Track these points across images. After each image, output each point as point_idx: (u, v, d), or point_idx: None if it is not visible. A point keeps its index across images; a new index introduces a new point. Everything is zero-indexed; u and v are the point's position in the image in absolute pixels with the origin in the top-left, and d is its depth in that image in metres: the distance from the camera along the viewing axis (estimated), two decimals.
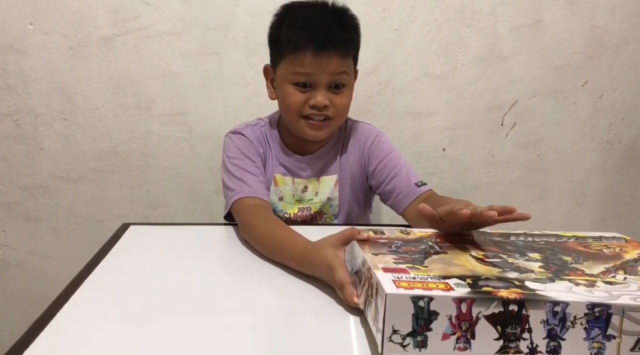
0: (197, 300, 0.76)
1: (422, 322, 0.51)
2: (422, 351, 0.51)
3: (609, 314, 0.52)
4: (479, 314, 0.51)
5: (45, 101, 1.41)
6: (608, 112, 1.58)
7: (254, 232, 0.93)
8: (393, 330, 0.51)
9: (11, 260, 1.52)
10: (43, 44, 1.37)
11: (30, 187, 1.46)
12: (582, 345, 0.52)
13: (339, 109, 1.04)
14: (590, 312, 0.52)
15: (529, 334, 0.52)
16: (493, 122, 1.55)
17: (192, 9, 1.38)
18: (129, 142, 1.45)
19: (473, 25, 1.47)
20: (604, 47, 1.53)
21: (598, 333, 0.52)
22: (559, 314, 0.52)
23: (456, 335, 0.51)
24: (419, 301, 0.51)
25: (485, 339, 0.51)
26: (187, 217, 1.51)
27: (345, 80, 1.03)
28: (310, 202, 1.11)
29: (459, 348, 0.51)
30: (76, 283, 0.79)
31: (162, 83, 1.42)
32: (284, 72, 1.03)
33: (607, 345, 0.52)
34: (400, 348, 0.51)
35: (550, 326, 0.52)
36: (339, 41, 1.00)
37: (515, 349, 0.52)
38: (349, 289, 0.68)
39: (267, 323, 0.72)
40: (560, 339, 0.52)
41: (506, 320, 0.51)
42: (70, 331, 0.67)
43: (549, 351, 0.52)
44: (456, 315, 0.51)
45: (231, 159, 1.07)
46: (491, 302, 0.51)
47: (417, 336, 0.51)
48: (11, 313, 1.53)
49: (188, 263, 0.90)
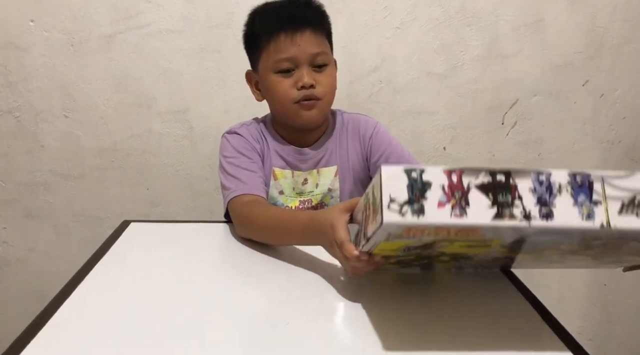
0: (197, 297, 0.76)
1: (417, 192, 0.55)
2: (420, 218, 0.54)
3: (590, 182, 0.57)
4: (469, 183, 0.55)
5: (46, 98, 1.41)
6: (609, 111, 1.58)
7: (253, 220, 0.94)
8: (390, 199, 0.55)
9: (11, 257, 1.52)
10: (44, 41, 1.37)
11: (31, 185, 1.46)
12: (572, 210, 0.56)
13: (325, 87, 1.04)
14: (573, 180, 0.57)
15: (520, 201, 0.55)
16: (494, 121, 1.55)
17: (193, 7, 1.38)
18: (130, 140, 1.45)
19: (474, 24, 1.46)
20: (605, 47, 1.52)
21: (585, 199, 0.56)
22: (544, 182, 0.56)
23: (451, 203, 0.55)
24: (412, 173, 0.55)
25: (480, 207, 0.55)
26: (187, 214, 1.51)
27: (325, 60, 1.05)
28: (311, 194, 1.12)
29: (456, 215, 0.55)
30: (76, 280, 0.80)
31: (163, 81, 1.42)
32: (265, 65, 1.04)
33: (596, 209, 0.56)
34: (399, 215, 0.54)
35: (538, 194, 0.56)
36: (310, 18, 1.03)
37: (510, 215, 0.55)
38: (349, 245, 0.70)
39: (268, 320, 0.72)
40: (550, 205, 0.56)
41: (496, 188, 0.55)
42: (70, 328, 0.67)
43: (542, 216, 0.55)
44: (448, 185, 0.55)
45: (227, 158, 1.08)
46: (479, 172, 0.56)
47: (414, 204, 0.54)
48: (11, 310, 1.53)
49: (188, 261, 0.90)
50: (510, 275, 0.86)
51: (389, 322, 0.71)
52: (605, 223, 0.56)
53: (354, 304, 0.75)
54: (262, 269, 0.87)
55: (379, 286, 0.82)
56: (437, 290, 0.84)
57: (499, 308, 0.78)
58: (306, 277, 0.83)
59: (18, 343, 0.63)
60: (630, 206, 0.56)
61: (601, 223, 0.56)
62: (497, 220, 0.55)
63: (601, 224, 0.56)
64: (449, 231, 0.57)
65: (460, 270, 0.86)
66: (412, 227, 0.56)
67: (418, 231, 0.57)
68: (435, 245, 0.65)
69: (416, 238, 0.60)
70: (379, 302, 0.77)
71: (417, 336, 0.68)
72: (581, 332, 1.70)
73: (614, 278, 1.67)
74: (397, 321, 0.72)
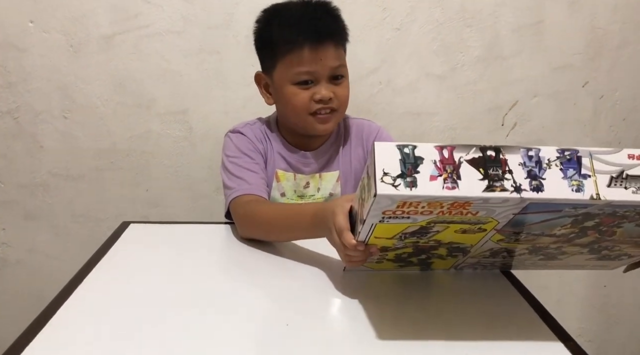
0: (196, 298, 0.76)
1: (410, 166, 0.56)
2: (413, 190, 0.56)
3: (578, 157, 0.59)
4: (460, 158, 0.57)
5: (45, 99, 1.41)
6: (609, 112, 1.58)
7: (257, 217, 0.95)
8: (384, 173, 0.56)
9: (10, 258, 1.51)
10: (43, 42, 1.37)
11: (30, 185, 1.46)
12: (562, 183, 0.58)
13: (341, 100, 1.05)
14: (561, 155, 0.59)
15: (510, 174, 0.57)
16: (493, 122, 1.55)
17: (193, 8, 1.38)
18: (129, 141, 1.45)
19: (474, 25, 1.46)
20: (604, 48, 1.52)
21: (574, 173, 0.58)
22: (533, 157, 0.58)
23: (443, 177, 0.56)
24: (404, 148, 0.57)
25: (471, 179, 0.56)
26: (186, 216, 1.50)
27: (343, 72, 1.05)
28: (312, 198, 1.12)
29: (448, 187, 0.56)
30: (75, 281, 0.80)
31: (162, 82, 1.42)
32: (283, 74, 1.03)
33: (585, 182, 0.58)
34: (392, 188, 0.56)
35: (528, 168, 0.57)
36: (333, 32, 1.02)
37: (501, 187, 0.56)
38: (347, 233, 0.71)
39: (267, 321, 0.72)
40: (540, 178, 0.57)
41: (487, 163, 0.57)
42: (70, 329, 0.67)
43: (533, 189, 0.57)
44: (440, 160, 0.57)
45: (230, 158, 1.07)
46: (470, 148, 0.57)
47: (407, 177, 0.56)
48: (10, 311, 1.53)
49: (188, 262, 0.90)
50: (510, 277, 0.86)
51: (389, 322, 0.71)
52: (595, 195, 0.57)
53: (353, 304, 0.75)
54: (261, 270, 0.87)
55: (379, 287, 0.82)
56: (436, 290, 0.84)
57: (498, 309, 0.78)
58: (306, 278, 0.83)
59: (18, 344, 0.63)
60: (619, 179, 0.58)
61: (591, 195, 0.57)
62: (488, 192, 0.56)
63: (591, 196, 0.57)
64: (442, 207, 0.58)
65: (459, 271, 0.86)
66: (405, 200, 0.57)
67: (412, 207, 0.58)
68: (430, 231, 0.66)
69: (411, 218, 0.61)
70: (379, 302, 0.77)
71: (417, 336, 0.68)
72: (581, 333, 1.70)
73: (613, 280, 1.67)
74: (398, 322, 0.72)
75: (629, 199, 0.58)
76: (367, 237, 0.68)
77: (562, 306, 1.67)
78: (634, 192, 0.58)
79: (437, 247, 0.73)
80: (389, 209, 0.59)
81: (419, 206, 0.58)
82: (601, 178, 0.58)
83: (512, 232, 0.67)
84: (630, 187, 0.58)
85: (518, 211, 0.60)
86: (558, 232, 0.66)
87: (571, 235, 0.67)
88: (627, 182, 0.58)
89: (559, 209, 0.60)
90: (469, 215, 0.61)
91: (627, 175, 0.58)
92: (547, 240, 0.69)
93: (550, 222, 0.63)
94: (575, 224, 0.64)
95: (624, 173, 0.58)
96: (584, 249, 0.73)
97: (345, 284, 0.81)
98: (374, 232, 0.66)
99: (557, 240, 0.69)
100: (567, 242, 0.70)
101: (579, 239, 0.68)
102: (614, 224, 0.64)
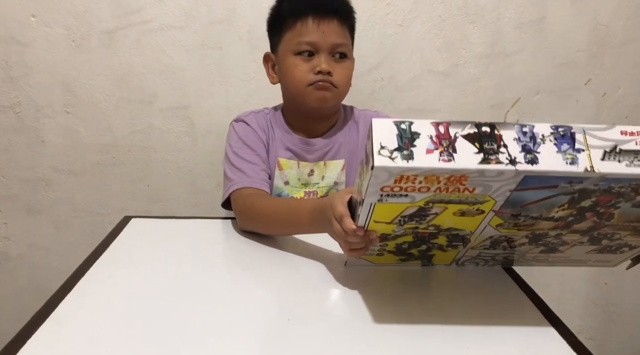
0: (198, 293, 0.76)
1: (407, 141, 0.58)
2: (410, 162, 0.57)
3: (572, 133, 0.59)
4: (456, 134, 0.58)
5: (47, 94, 1.41)
6: (611, 110, 1.57)
7: (256, 210, 0.95)
8: (381, 146, 0.57)
9: (12, 252, 1.52)
10: (45, 37, 1.37)
11: (32, 180, 1.46)
12: (557, 156, 0.59)
13: (342, 78, 1.05)
14: (555, 131, 0.59)
15: (505, 148, 0.58)
16: (496, 119, 1.54)
17: (195, 3, 1.38)
18: (131, 136, 1.45)
19: (476, 21, 1.46)
20: (607, 45, 1.52)
21: (568, 147, 0.59)
22: (528, 133, 0.59)
23: (439, 150, 0.57)
24: (401, 125, 0.58)
25: (467, 153, 0.58)
26: (188, 211, 1.51)
27: (346, 51, 1.06)
28: (316, 186, 1.12)
29: (444, 160, 0.57)
30: (77, 276, 0.80)
31: (164, 77, 1.42)
32: (286, 46, 1.05)
33: (579, 156, 0.59)
34: (389, 160, 0.57)
35: (523, 142, 0.59)
36: (339, 8, 1.05)
37: (496, 160, 0.58)
38: (347, 219, 0.72)
39: (269, 316, 0.72)
40: (535, 152, 0.58)
41: (482, 138, 0.58)
42: (71, 324, 0.67)
43: (527, 161, 0.58)
44: (436, 135, 0.58)
45: (233, 148, 1.09)
46: (465, 125, 0.59)
47: (403, 151, 0.57)
48: (12, 305, 1.54)
49: (189, 256, 0.90)
50: (511, 273, 0.86)
51: (390, 318, 0.71)
52: (589, 167, 0.58)
53: (355, 299, 0.75)
54: (263, 265, 0.87)
55: (380, 282, 0.82)
56: (438, 286, 0.84)
57: (500, 305, 0.78)
58: (307, 273, 0.83)
59: (19, 338, 0.63)
60: (612, 153, 0.59)
61: (585, 167, 0.58)
62: (483, 165, 0.57)
63: (585, 169, 0.58)
64: (439, 182, 0.59)
65: (460, 267, 0.86)
66: (402, 174, 0.58)
67: (409, 182, 0.59)
68: (428, 213, 0.66)
69: (409, 196, 0.62)
70: (380, 298, 0.77)
71: (418, 332, 0.68)
72: (582, 330, 1.70)
73: (614, 277, 1.67)
74: (399, 317, 0.72)
75: (623, 171, 0.59)
76: (367, 221, 0.68)
77: (563, 303, 1.67)
78: (627, 166, 0.59)
79: (436, 235, 0.73)
80: (387, 184, 0.60)
81: (415, 181, 0.59)
82: (595, 152, 0.59)
83: (511, 214, 0.67)
84: (623, 160, 0.59)
85: (514, 187, 0.61)
86: (556, 214, 0.67)
87: (569, 219, 0.68)
88: (620, 155, 0.59)
89: (554, 185, 0.61)
90: (466, 192, 0.62)
91: (620, 149, 0.59)
92: (546, 224, 0.69)
93: (547, 201, 0.64)
94: (572, 203, 0.64)
95: (617, 148, 0.59)
96: (583, 238, 0.73)
97: (347, 279, 0.81)
98: (373, 215, 0.67)
99: (556, 225, 0.69)
100: (566, 228, 0.70)
101: (577, 223, 0.69)
102: (610, 203, 0.64)
